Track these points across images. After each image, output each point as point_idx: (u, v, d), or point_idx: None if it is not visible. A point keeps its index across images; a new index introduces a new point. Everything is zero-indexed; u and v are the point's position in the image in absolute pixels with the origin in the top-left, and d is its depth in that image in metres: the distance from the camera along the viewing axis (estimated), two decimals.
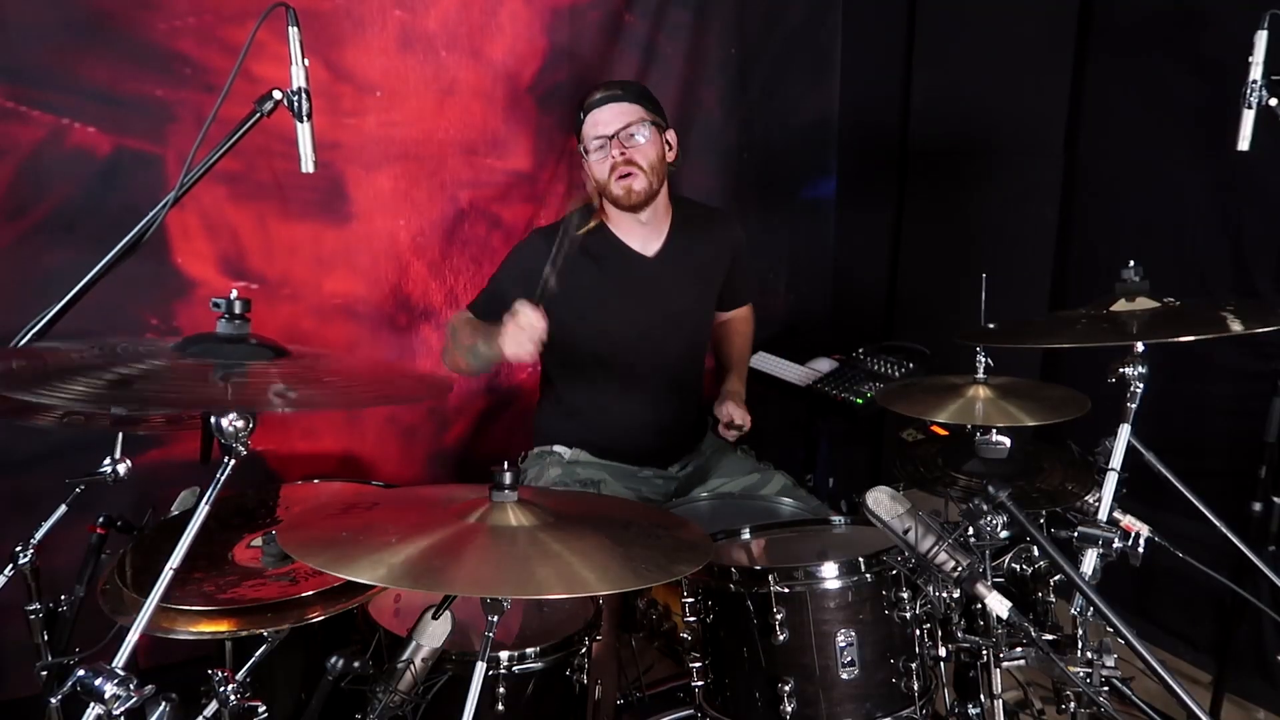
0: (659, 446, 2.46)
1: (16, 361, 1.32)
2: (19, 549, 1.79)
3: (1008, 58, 3.03)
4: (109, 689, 1.18)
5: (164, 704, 1.23)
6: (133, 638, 1.24)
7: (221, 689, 1.47)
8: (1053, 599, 2.01)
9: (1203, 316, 1.87)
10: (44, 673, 1.80)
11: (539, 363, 2.53)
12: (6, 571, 1.79)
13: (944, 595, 1.70)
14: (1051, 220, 2.94)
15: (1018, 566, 2.02)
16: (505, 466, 1.49)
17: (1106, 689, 1.68)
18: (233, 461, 1.33)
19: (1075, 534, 1.66)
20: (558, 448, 2.43)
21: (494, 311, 2.31)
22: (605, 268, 2.33)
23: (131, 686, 1.19)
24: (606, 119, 2.25)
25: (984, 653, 1.75)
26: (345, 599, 1.60)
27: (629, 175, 2.24)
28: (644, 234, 2.36)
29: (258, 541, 1.75)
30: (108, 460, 1.84)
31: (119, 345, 1.44)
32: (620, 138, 2.24)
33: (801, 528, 2.04)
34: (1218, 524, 1.80)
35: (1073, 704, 1.78)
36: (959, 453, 2.06)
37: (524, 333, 1.99)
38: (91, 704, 1.19)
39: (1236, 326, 1.77)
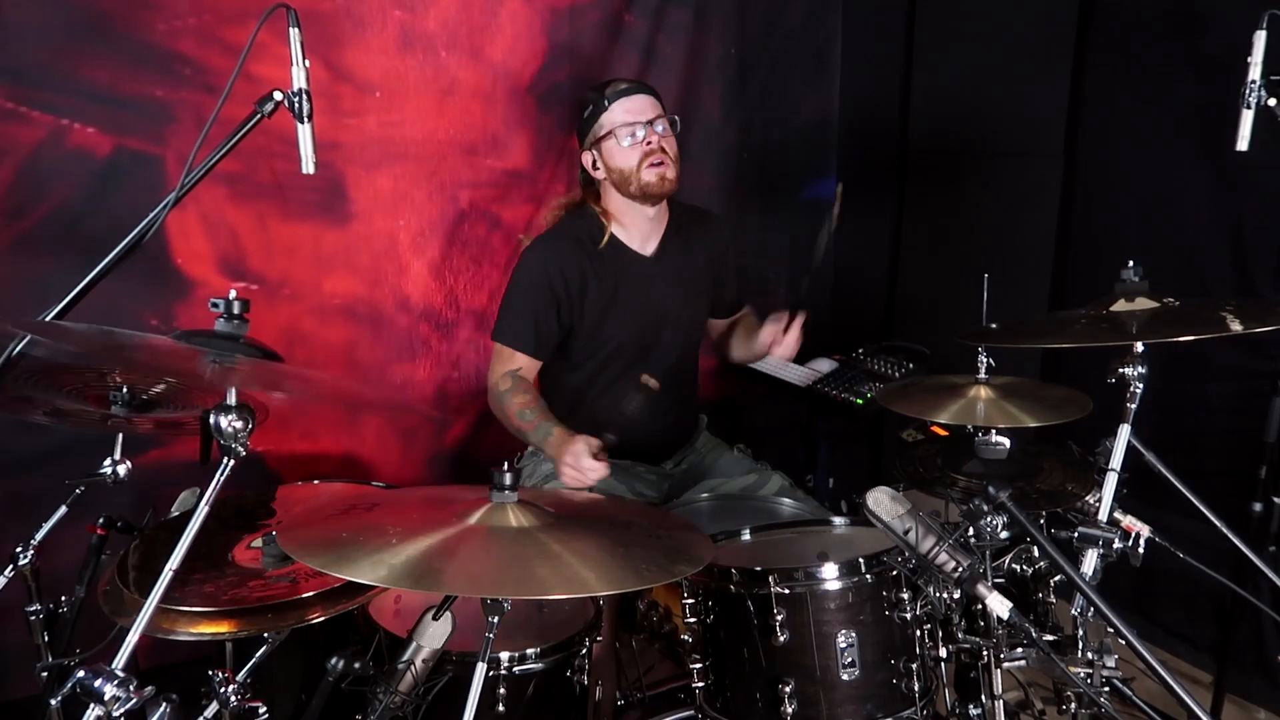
0: (652, 443, 2.45)
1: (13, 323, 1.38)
2: (19, 550, 1.80)
3: (1008, 58, 3.02)
4: (109, 690, 1.18)
5: (164, 705, 1.23)
6: (133, 639, 1.24)
7: (222, 690, 1.47)
8: (1053, 599, 2.01)
9: (1203, 316, 1.87)
10: (44, 674, 1.80)
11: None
12: (7, 572, 1.79)
13: (944, 596, 1.70)
14: (1051, 220, 2.94)
15: (1018, 567, 2.02)
16: (505, 467, 1.49)
17: (1107, 689, 1.68)
18: (232, 462, 1.33)
19: (1075, 534, 1.66)
20: None
21: (537, 339, 2.27)
22: (604, 267, 2.33)
23: (131, 688, 1.19)
24: (639, 106, 2.24)
25: (985, 653, 1.75)
26: (345, 600, 1.61)
27: (663, 163, 2.23)
28: (644, 232, 2.35)
29: (258, 542, 1.75)
30: (108, 461, 1.84)
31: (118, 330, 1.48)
32: (656, 127, 2.23)
33: (801, 528, 2.04)
34: (1218, 524, 1.80)
35: (1073, 704, 1.79)
36: (959, 453, 2.06)
37: (583, 478, 2.03)
38: (92, 705, 1.19)
39: (1236, 326, 1.76)
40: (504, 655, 1.68)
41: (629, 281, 2.35)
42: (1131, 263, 1.86)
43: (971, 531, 1.62)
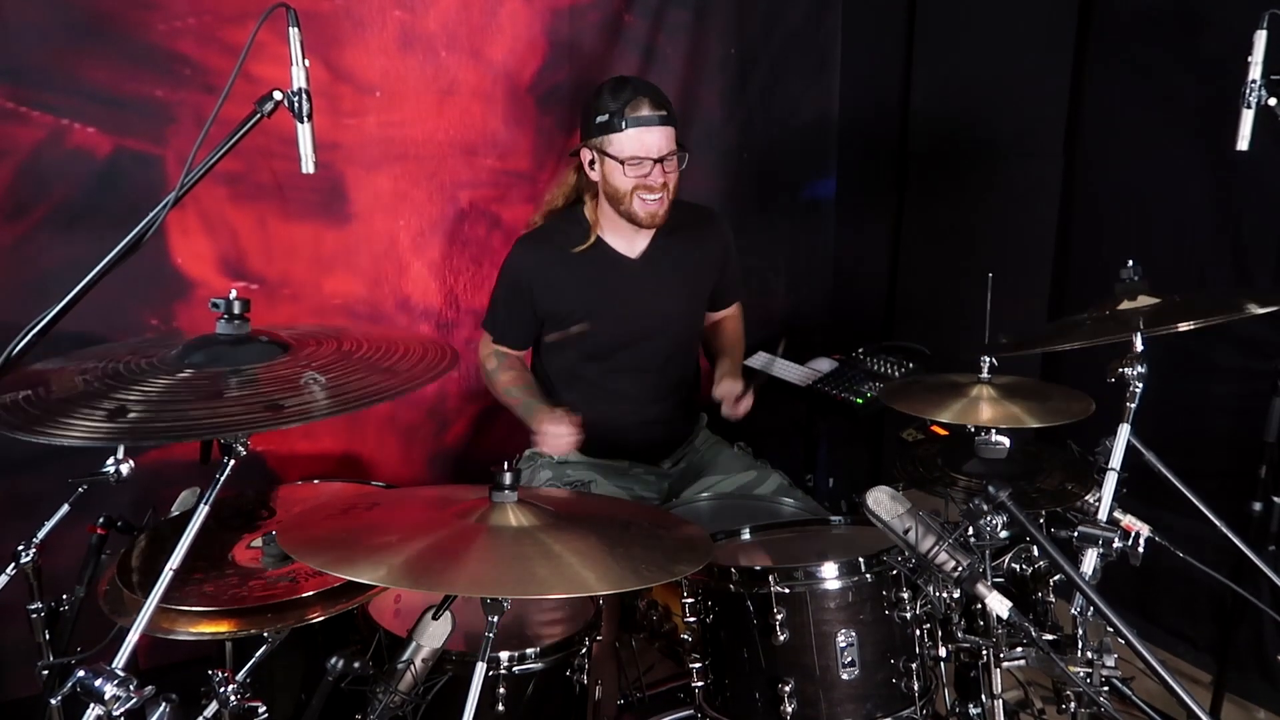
0: (649, 444, 2.46)
1: (22, 393, 1.34)
2: (21, 548, 1.79)
3: (1008, 58, 3.02)
4: (109, 689, 1.18)
5: (164, 705, 1.23)
6: (133, 638, 1.24)
7: (222, 690, 1.47)
8: (1053, 599, 2.01)
9: (1203, 307, 1.86)
10: (45, 672, 1.80)
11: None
12: (8, 571, 1.79)
13: (944, 595, 1.70)
14: (1051, 220, 2.94)
15: (1018, 566, 2.02)
16: (505, 467, 1.49)
17: (1107, 689, 1.68)
18: (233, 462, 1.33)
19: (1075, 534, 1.65)
20: None
21: (511, 331, 2.43)
22: (590, 270, 2.33)
23: (131, 687, 1.19)
24: (657, 142, 2.19)
25: (984, 653, 1.75)
26: (345, 599, 1.60)
27: (659, 199, 2.23)
28: (630, 234, 2.35)
29: (258, 542, 1.75)
30: (111, 460, 1.83)
31: (122, 362, 1.45)
32: (665, 165, 2.21)
33: (801, 528, 2.04)
34: (1218, 524, 1.80)
35: (1073, 704, 1.79)
36: (959, 453, 2.06)
37: (556, 444, 2.23)
38: (92, 704, 1.19)
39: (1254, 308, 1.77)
40: (504, 655, 1.68)
41: (611, 282, 2.35)
42: (1130, 262, 1.86)
43: (971, 531, 1.62)
